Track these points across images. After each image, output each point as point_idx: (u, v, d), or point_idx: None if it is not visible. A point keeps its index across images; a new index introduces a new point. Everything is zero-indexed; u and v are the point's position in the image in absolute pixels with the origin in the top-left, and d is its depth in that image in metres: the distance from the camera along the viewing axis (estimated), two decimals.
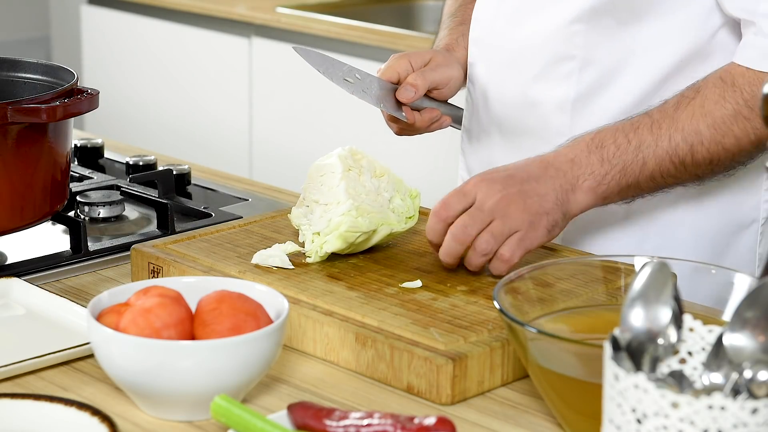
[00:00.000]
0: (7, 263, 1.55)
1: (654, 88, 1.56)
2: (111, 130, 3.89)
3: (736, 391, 0.97)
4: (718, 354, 1.01)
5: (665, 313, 1.02)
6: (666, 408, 0.92)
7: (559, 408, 1.15)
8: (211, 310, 1.20)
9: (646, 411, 0.93)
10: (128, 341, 1.16)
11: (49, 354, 1.29)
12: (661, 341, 1.02)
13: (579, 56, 1.58)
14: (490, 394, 1.26)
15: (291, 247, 1.46)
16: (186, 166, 1.88)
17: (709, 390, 1.00)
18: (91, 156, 1.98)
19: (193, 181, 1.88)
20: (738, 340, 0.99)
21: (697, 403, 0.91)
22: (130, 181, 1.78)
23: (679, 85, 1.53)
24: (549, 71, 1.60)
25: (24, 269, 1.53)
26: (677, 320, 1.03)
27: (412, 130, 1.66)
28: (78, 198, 1.74)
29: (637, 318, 1.01)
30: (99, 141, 2.00)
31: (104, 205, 1.73)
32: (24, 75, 1.65)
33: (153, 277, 1.48)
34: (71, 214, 1.69)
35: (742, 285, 1.19)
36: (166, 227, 1.67)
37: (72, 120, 1.55)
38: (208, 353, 1.15)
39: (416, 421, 1.09)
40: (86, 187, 1.78)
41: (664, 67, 1.55)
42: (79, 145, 1.97)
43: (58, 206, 1.58)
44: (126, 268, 1.57)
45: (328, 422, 1.10)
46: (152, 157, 1.91)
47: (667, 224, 1.61)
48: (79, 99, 1.51)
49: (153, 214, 1.72)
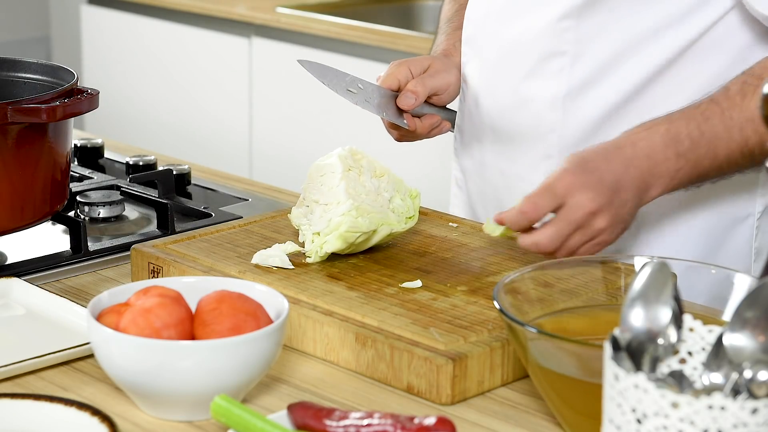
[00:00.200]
0: (7, 263, 1.55)
1: (647, 82, 1.55)
2: (111, 130, 3.89)
3: (736, 391, 0.97)
4: (718, 354, 1.01)
5: (665, 313, 1.02)
6: (666, 408, 0.92)
7: (559, 408, 1.15)
8: (211, 310, 1.20)
9: (646, 411, 0.93)
10: (128, 341, 1.16)
11: (49, 354, 1.29)
12: (661, 341, 1.02)
13: (570, 52, 1.58)
14: (490, 394, 1.26)
15: (291, 247, 1.46)
16: (186, 166, 1.88)
17: (709, 390, 1.00)
18: (91, 156, 1.98)
19: (193, 181, 1.89)
20: (738, 340, 0.99)
21: (697, 403, 0.91)
22: (130, 181, 1.78)
23: (673, 79, 1.53)
24: (540, 68, 1.60)
25: (24, 269, 1.53)
26: (677, 320, 1.03)
27: (413, 136, 1.66)
28: (78, 198, 1.74)
29: (637, 318, 1.01)
30: (99, 141, 2.00)
31: (104, 205, 1.73)
32: (24, 75, 1.65)
33: (153, 277, 1.48)
34: (71, 214, 1.69)
35: (742, 285, 1.19)
36: (166, 227, 1.67)
37: (72, 120, 1.55)
38: (208, 353, 1.15)
39: (416, 421, 1.09)
40: (86, 187, 1.78)
41: (657, 60, 1.55)
42: (79, 145, 1.97)
43: (58, 206, 1.58)
44: (126, 268, 1.57)
45: (328, 422, 1.10)
46: (152, 157, 1.91)
47: (663, 218, 1.61)
48: (79, 99, 1.51)
49: (153, 214, 1.72)
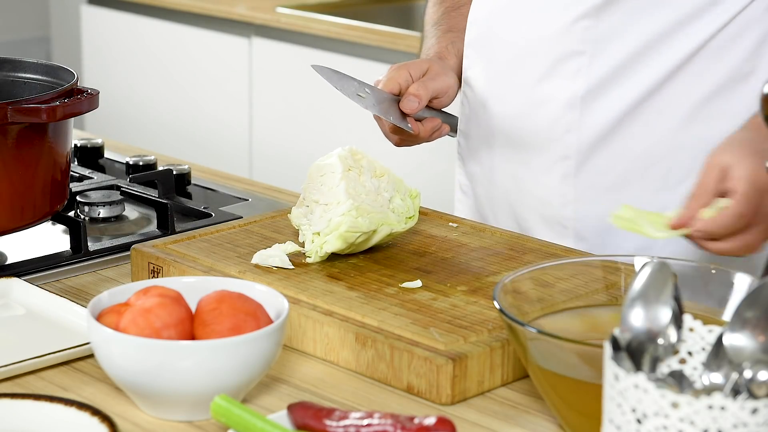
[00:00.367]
0: (7, 263, 1.55)
1: (665, 79, 1.56)
2: (111, 130, 3.90)
3: (736, 391, 0.97)
4: (718, 354, 1.01)
5: (665, 313, 1.02)
6: (666, 408, 0.92)
7: (559, 408, 1.15)
8: (211, 310, 1.20)
9: (646, 411, 0.93)
10: (128, 341, 1.16)
11: (49, 354, 1.29)
12: (661, 341, 1.02)
13: (588, 51, 1.57)
14: (490, 394, 1.26)
15: (291, 247, 1.46)
16: (186, 166, 1.88)
17: (709, 390, 1.00)
18: (91, 156, 1.98)
19: (193, 181, 1.89)
20: (738, 340, 0.99)
21: (697, 403, 0.91)
22: (130, 181, 1.78)
23: (691, 75, 1.53)
24: (556, 69, 1.60)
25: (24, 269, 1.53)
26: (677, 320, 1.03)
27: (413, 140, 1.64)
28: (78, 198, 1.74)
29: (637, 318, 1.01)
30: (99, 141, 2.00)
31: (104, 205, 1.73)
32: (24, 75, 1.65)
33: (153, 277, 1.48)
34: (71, 214, 1.69)
35: (742, 285, 1.19)
36: (166, 227, 1.67)
37: (72, 120, 1.55)
38: (208, 353, 1.15)
39: (416, 421, 1.09)
40: (86, 187, 1.78)
41: (675, 57, 1.55)
42: (79, 145, 1.97)
43: (58, 206, 1.58)
44: (126, 268, 1.57)
45: (328, 422, 1.10)
46: (152, 157, 1.91)
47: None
48: (79, 99, 1.51)
49: (153, 214, 1.72)
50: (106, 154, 2.00)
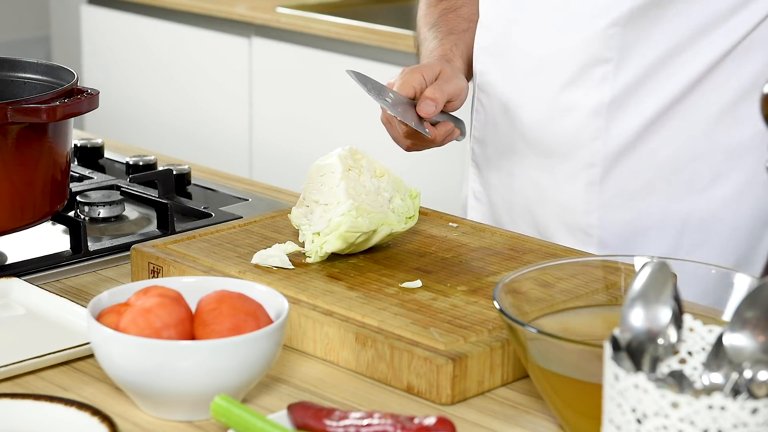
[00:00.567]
0: (7, 263, 1.55)
1: (691, 85, 1.55)
2: (111, 130, 3.90)
3: (736, 391, 0.97)
4: (718, 354, 1.01)
5: (665, 313, 1.02)
6: (666, 408, 0.92)
7: (559, 408, 1.15)
8: (211, 310, 1.20)
9: (646, 411, 0.93)
10: (128, 341, 1.16)
11: (49, 354, 1.29)
12: (661, 341, 1.02)
13: (615, 59, 1.56)
14: (490, 394, 1.26)
15: (291, 247, 1.46)
16: (186, 166, 1.88)
17: (709, 390, 1.00)
18: (91, 156, 1.98)
19: (193, 181, 1.88)
20: (738, 340, 0.99)
21: (697, 403, 0.91)
22: (130, 181, 1.78)
23: (716, 80, 1.53)
24: (582, 76, 1.58)
25: (24, 269, 1.53)
26: (677, 320, 1.03)
27: (425, 145, 1.61)
28: (78, 198, 1.74)
29: (637, 318, 1.01)
30: (99, 141, 2.00)
31: (104, 205, 1.73)
32: (24, 75, 1.65)
33: (153, 277, 1.48)
34: (71, 214, 1.69)
35: (742, 285, 1.19)
36: (166, 227, 1.67)
37: (72, 120, 1.55)
38: (208, 353, 1.15)
39: (416, 421, 1.09)
40: (86, 187, 1.78)
41: (702, 62, 1.55)
42: (79, 145, 1.97)
43: (58, 206, 1.58)
44: (126, 268, 1.57)
45: (328, 422, 1.10)
46: (152, 157, 1.91)
47: (705, 221, 1.60)
48: (79, 99, 1.51)
49: (153, 214, 1.72)
50: (106, 154, 2.00)
